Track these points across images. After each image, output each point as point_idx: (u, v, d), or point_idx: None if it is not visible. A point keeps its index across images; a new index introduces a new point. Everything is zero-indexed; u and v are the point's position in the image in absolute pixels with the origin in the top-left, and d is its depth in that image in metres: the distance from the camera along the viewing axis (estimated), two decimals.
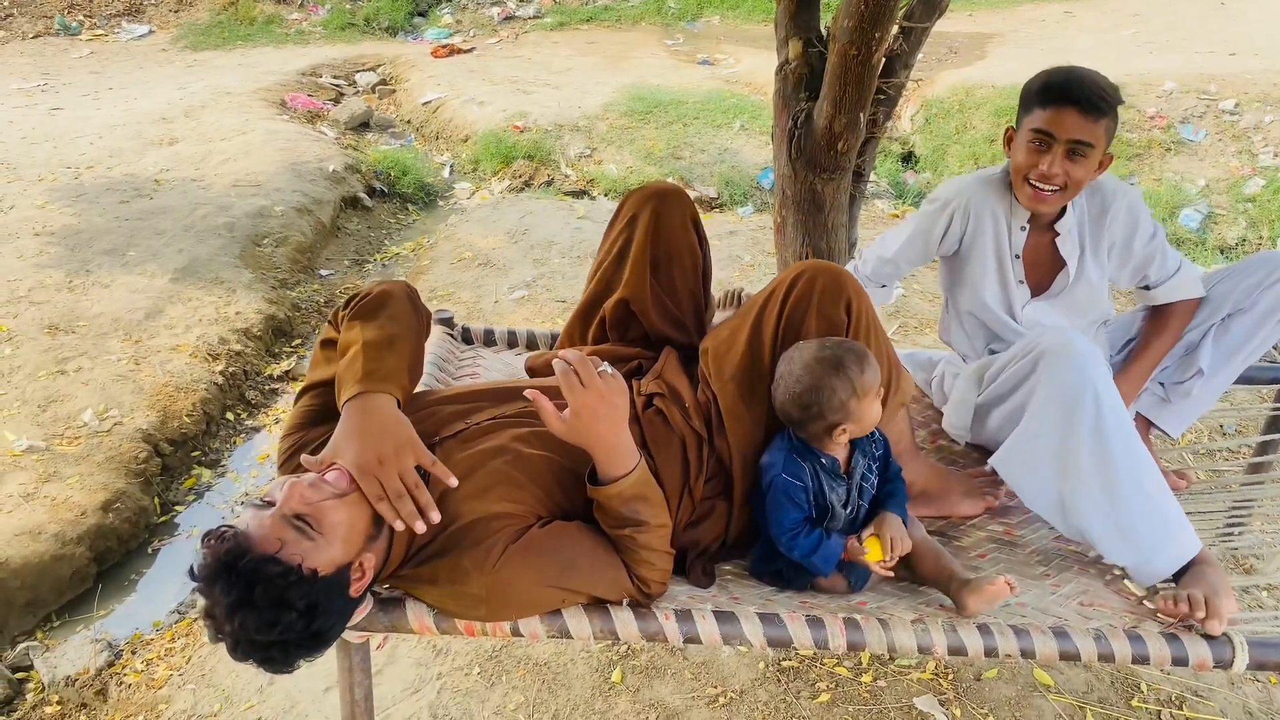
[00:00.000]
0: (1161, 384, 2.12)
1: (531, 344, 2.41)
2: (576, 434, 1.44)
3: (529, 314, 4.17)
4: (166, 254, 4.59)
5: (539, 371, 1.96)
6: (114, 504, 3.05)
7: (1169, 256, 2.06)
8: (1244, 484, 2.31)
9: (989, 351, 2.17)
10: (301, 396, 1.67)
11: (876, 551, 1.58)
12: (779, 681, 2.28)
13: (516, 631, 1.49)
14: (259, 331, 4.18)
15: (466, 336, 2.43)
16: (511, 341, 2.42)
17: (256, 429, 3.72)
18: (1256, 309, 2.00)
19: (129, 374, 3.63)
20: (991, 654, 1.52)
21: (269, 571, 1.27)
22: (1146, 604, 1.69)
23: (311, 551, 1.32)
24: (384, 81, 8.26)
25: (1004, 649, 1.52)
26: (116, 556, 3.01)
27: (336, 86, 8.07)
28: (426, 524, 1.41)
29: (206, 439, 3.58)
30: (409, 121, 7.47)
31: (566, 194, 5.89)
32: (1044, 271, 2.08)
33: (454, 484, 1.45)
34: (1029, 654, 1.52)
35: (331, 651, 1.48)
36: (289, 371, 4.08)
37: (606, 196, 5.85)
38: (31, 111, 6.96)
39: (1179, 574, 1.66)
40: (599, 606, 1.52)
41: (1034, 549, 1.88)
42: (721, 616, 1.52)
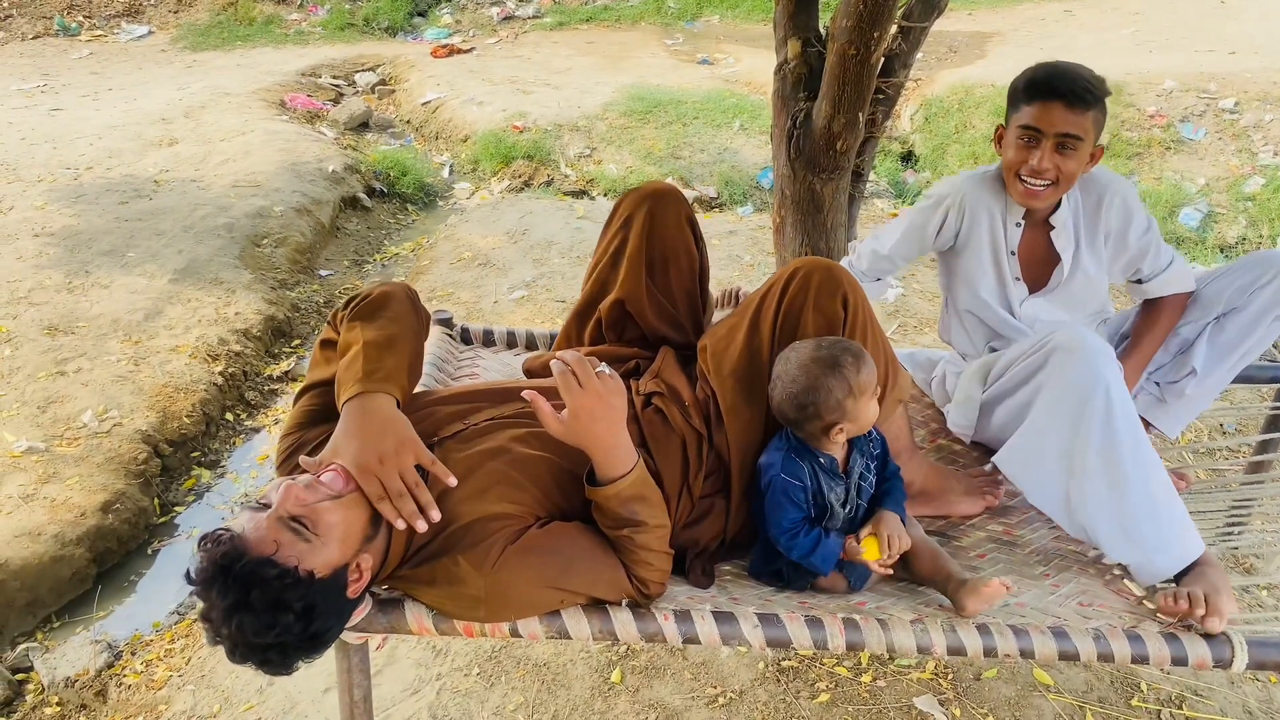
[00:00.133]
0: (1157, 384, 2.12)
1: (531, 344, 2.41)
2: (574, 435, 1.44)
3: (528, 314, 4.17)
4: (166, 255, 4.59)
5: (536, 373, 1.95)
6: (113, 505, 3.05)
7: (1162, 250, 2.07)
8: (1244, 483, 2.31)
9: (989, 349, 2.17)
10: (301, 397, 1.67)
11: (874, 550, 1.58)
12: (779, 681, 2.28)
13: (515, 632, 1.49)
14: (258, 332, 4.18)
15: (465, 337, 2.43)
16: (511, 342, 2.42)
17: (256, 430, 3.72)
18: (1251, 308, 2.00)
19: (128, 375, 3.63)
20: (991, 654, 1.52)
21: (265, 574, 1.27)
22: (1146, 604, 1.68)
23: (308, 553, 1.31)
24: (383, 82, 8.26)
25: (1003, 649, 1.52)
26: (116, 557, 3.01)
27: (336, 87, 8.08)
28: (427, 522, 1.42)
29: (206, 440, 3.58)
30: (408, 122, 7.47)
31: (566, 194, 5.89)
32: (1040, 267, 2.08)
33: (453, 483, 1.46)
34: (1028, 654, 1.52)
35: (330, 652, 1.48)
36: (288, 372, 4.08)
37: (606, 196, 5.84)
38: (31, 112, 6.97)
39: (1179, 575, 1.66)
40: (598, 607, 1.52)
41: (1033, 549, 1.88)
42: (720, 617, 1.52)
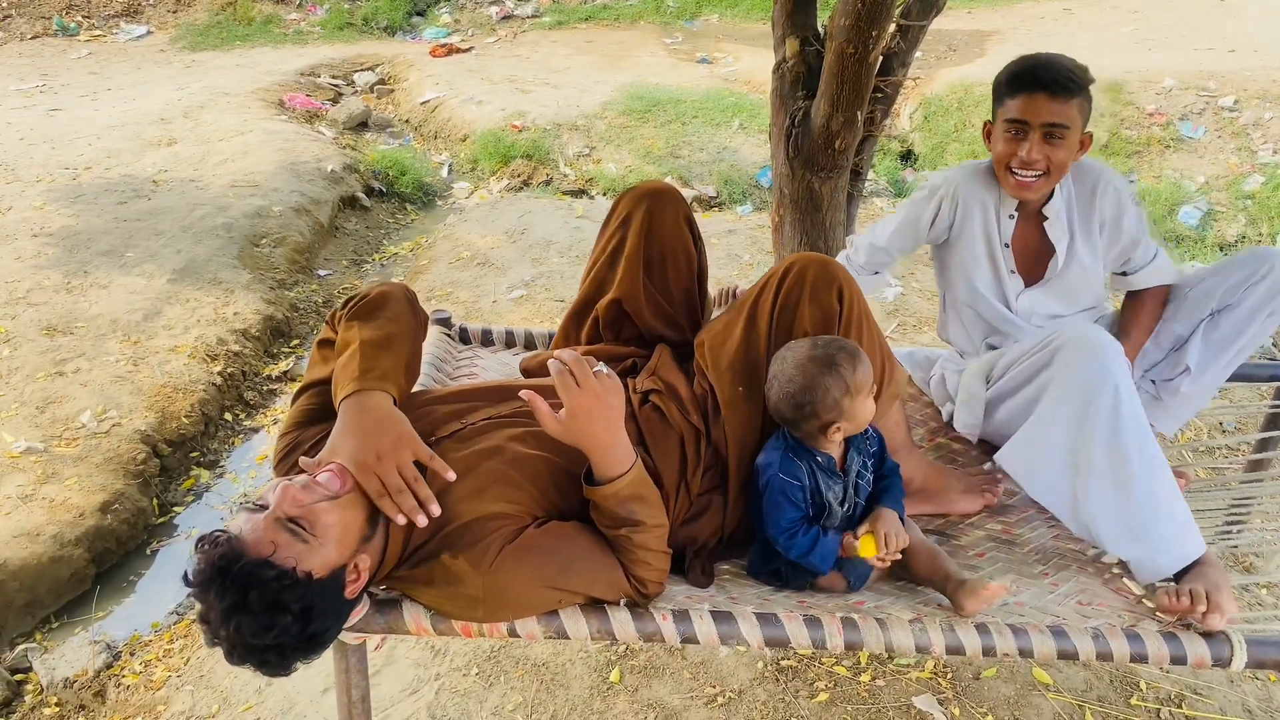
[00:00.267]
0: (1153, 382, 2.12)
1: (529, 344, 2.40)
2: (572, 434, 1.44)
3: (527, 313, 4.17)
4: (165, 255, 4.59)
5: (534, 372, 1.95)
6: (112, 505, 3.05)
7: (1149, 241, 2.10)
8: (1243, 481, 2.31)
9: (986, 346, 2.17)
10: (299, 396, 1.67)
11: (871, 548, 1.58)
12: (777, 681, 2.28)
13: (513, 632, 1.49)
14: (257, 332, 4.17)
15: (464, 336, 2.43)
16: (509, 341, 2.42)
17: (255, 430, 3.71)
18: (1244, 305, 2.00)
19: (127, 375, 3.62)
20: (990, 653, 1.52)
21: (263, 575, 1.27)
22: (1145, 602, 1.68)
23: (305, 554, 1.31)
24: (382, 81, 8.26)
25: (1002, 648, 1.51)
26: (115, 558, 3.01)
27: (335, 86, 8.07)
28: (428, 517, 1.41)
29: (205, 440, 3.58)
30: (407, 121, 7.46)
31: (565, 193, 5.89)
32: (1035, 259, 2.09)
33: (452, 477, 1.45)
34: (1027, 653, 1.52)
35: (328, 653, 1.48)
36: (287, 372, 4.08)
37: (605, 195, 5.84)
38: (30, 112, 6.96)
39: (1179, 574, 1.66)
40: (596, 607, 1.52)
41: (1032, 548, 1.88)
42: (719, 616, 1.52)
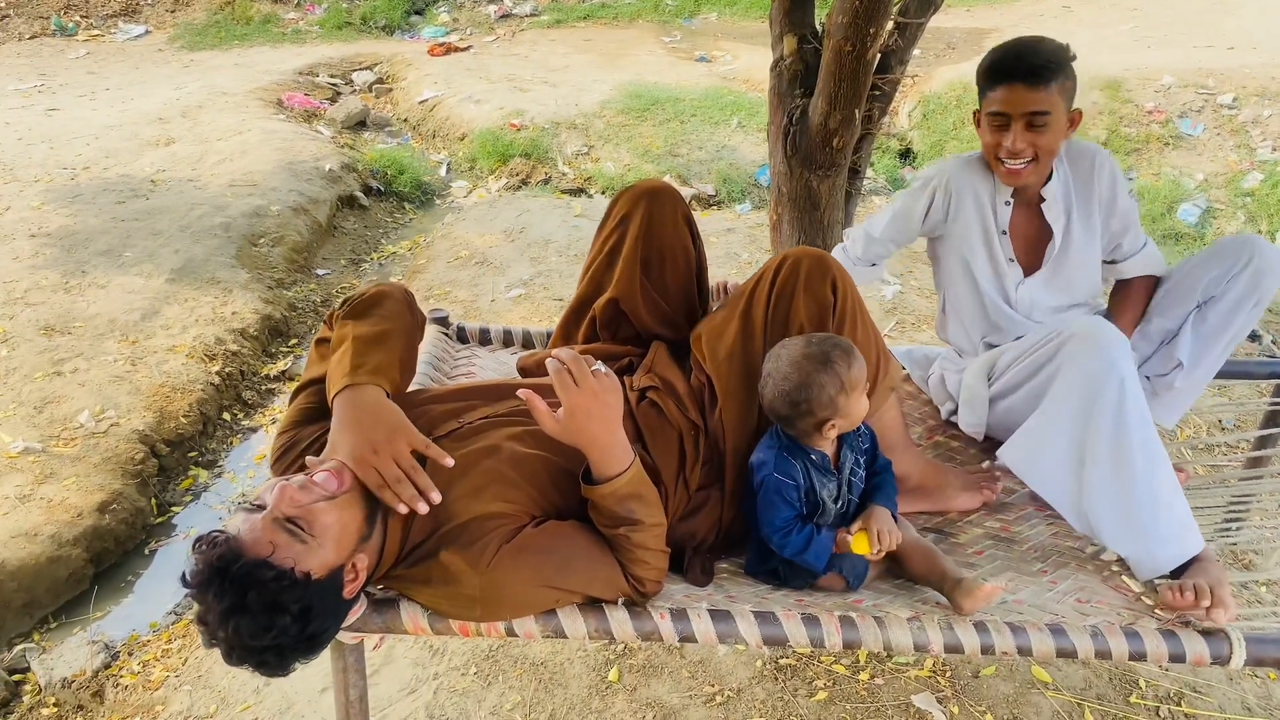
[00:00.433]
0: (1147, 377, 2.12)
1: (527, 343, 2.40)
2: (570, 433, 1.43)
3: (526, 312, 4.16)
4: (163, 254, 4.58)
5: (530, 371, 1.95)
6: (110, 505, 3.04)
7: (1139, 229, 2.11)
8: (1242, 479, 2.30)
9: (985, 345, 2.16)
10: (297, 395, 1.67)
11: (864, 544, 1.58)
12: (776, 679, 2.28)
13: (511, 631, 1.49)
14: (255, 331, 4.17)
15: (462, 335, 2.42)
16: (507, 340, 2.41)
17: (253, 429, 3.71)
18: (1229, 296, 2.00)
19: (125, 375, 3.62)
20: (988, 651, 1.52)
21: (262, 576, 1.26)
22: (1144, 600, 1.68)
23: (304, 555, 1.31)
24: (381, 80, 8.25)
25: (1001, 646, 1.51)
26: (113, 558, 3.00)
27: (333, 85, 8.06)
28: (428, 504, 1.41)
29: (203, 439, 3.57)
30: (406, 120, 7.45)
31: (564, 192, 5.88)
32: (1033, 246, 2.09)
33: (450, 463, 1.46)
34: (1026, 651, 1.52)
35: (327, 652, 1.48)
36: (285, 371, 4.08)
37: (604, 194, 5.83)
38: (28, 112, 6.95)
39: (1178, 571, 1.66)
40: (594, 606, 1.52)
41: (1031, 545, 1.88)
42: (717, 615, 1.51)
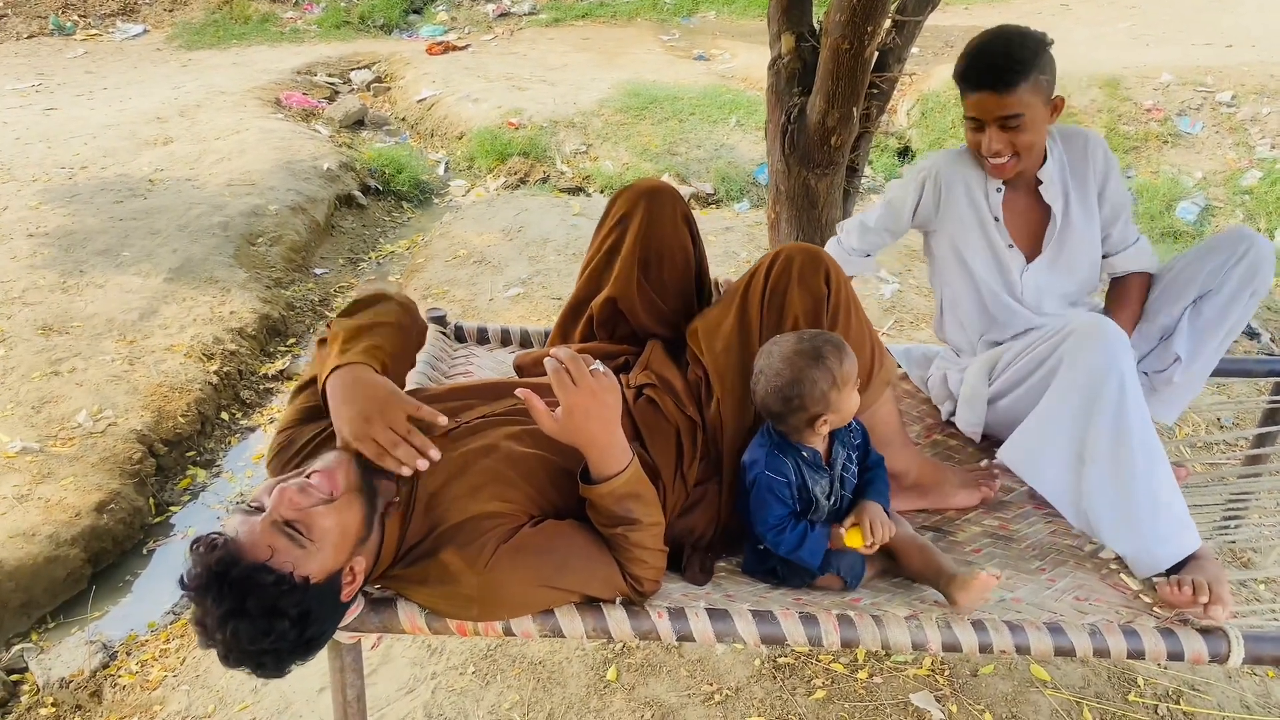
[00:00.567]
0: (1145, 373, 2.12)
1: (525, 342, 2.40)
2: (568, 433, 1.43)
3: (524, 311, 4.16)
4: (161, 254, 4.58)
5: (528, 369, 1.95)
6: (108, 505, 3.04)
7: (1132, 224, 2.10)
8: (1241, 476, 2.31)
9: (983, 342, 2.16)
10: (296, 395, 1.68)
11: (857, 538, 1.58)
12: (774, 678, 2.28)
13: (509, 631, 1.49)
14: (254, 331, 4.16)
15: (459, 334, 2.42)
16: (505, 339, 2.41)
17: (251, 429, 3.71)
18: (1225, 288, 2.00)
19: (123, 374, 3.61)
20: (986, 650, 1.52)
21: (261, 581, 1.26)
22: (1142, 598, 1.68)
23: (303, 559, 1.31)
24: (379, 79, 8.24)
25: (999, 645, 1.51)
26: (111, 557, 3.00)
27: (331, 84, 8.05)
28: (428, 462, 1.44)
29: (201, 439, 3.57)
30: (404, 119, 7.45)
31: (562, 191, 5.88)
32: (1031, 229, 2.08)
33: (444, 422, 1.49)
34: (1024, 650, 1.52)
35: (325, 652, 1.47)
36: (284, 371, 4.07)
37: (602, 193, 5.83)
38: (26, 112, 6.94)
39: (1175, 569, 1.66)
40: (592, 605, 1.52)
41: (1029, 543, 1.87)
42: (715, 614, 1.51)
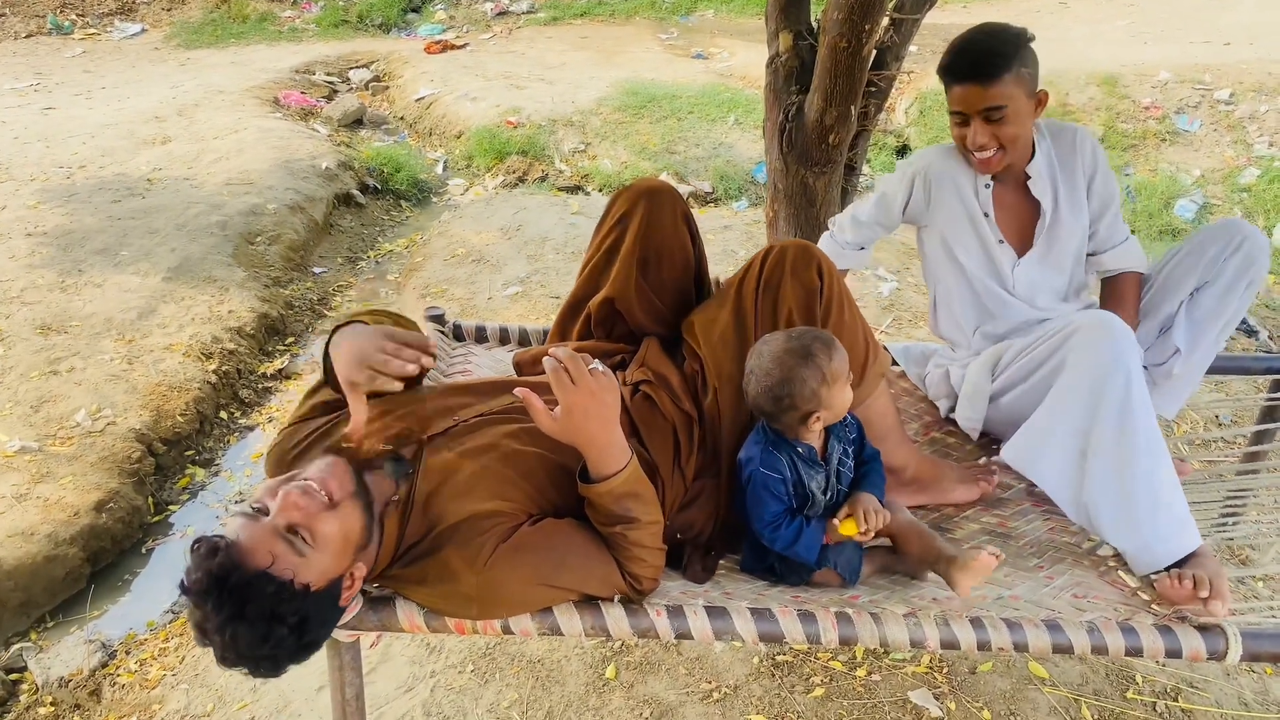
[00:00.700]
0: (1145, 367, 2.12)
1: (524, 340, 2.40)
2: (567, 432, 1.43)
3: (523, 310, 4.16)
4: (159, 253, 4.57)
5: (527, 367, 1.95)
6: (107, 504, 3.04)
7: (1121, 221, 2.10)
8: (1239, 473, 2.31)
9: (978, 334, 2.16)
10: (308, 398, 1.72)
11: (852, 527, 1.58)
12: (773, 676, 2.28)
13: (507, 629, 1.49)
14: (252, 330, 4.16)
15: (458, 333, 2.42)
16: (503, 338, 2.41)
17: (250, 428, 3.70)
18: (1222, 279, 2.00)
19: (122, 374, 3.61)
20: (984, 647, 1.52)
21: (262, 589, 1.27)
22: (1141, 595, 1.68)
23: (304, 566, 1.31)
24: (377, 78, 8.23)
25: (997, 642, 1.51)
26: (110, 557, 3.00)
27: (330, 83, 8.04)
28: (431, 358, 1.54)
29: (200, 438, 3.57)
30: (402, 118, 7.44)
31: (561, 189, 5.88)
32: (1021, 224, 2.09)
33: (435, 346, 1.57)
34: (1022, 647, 1.52)
35: (324, 650, 1.48)
36: (282, 370, 4.07)
37: (601, 192, 5.83)
38: (24, 111, 6.93)
39: (1174, 568, 1.66)
40: (590, 603, 1.52)
41: (1028, 541, 1.88)
42: (713, 612, 1.51)
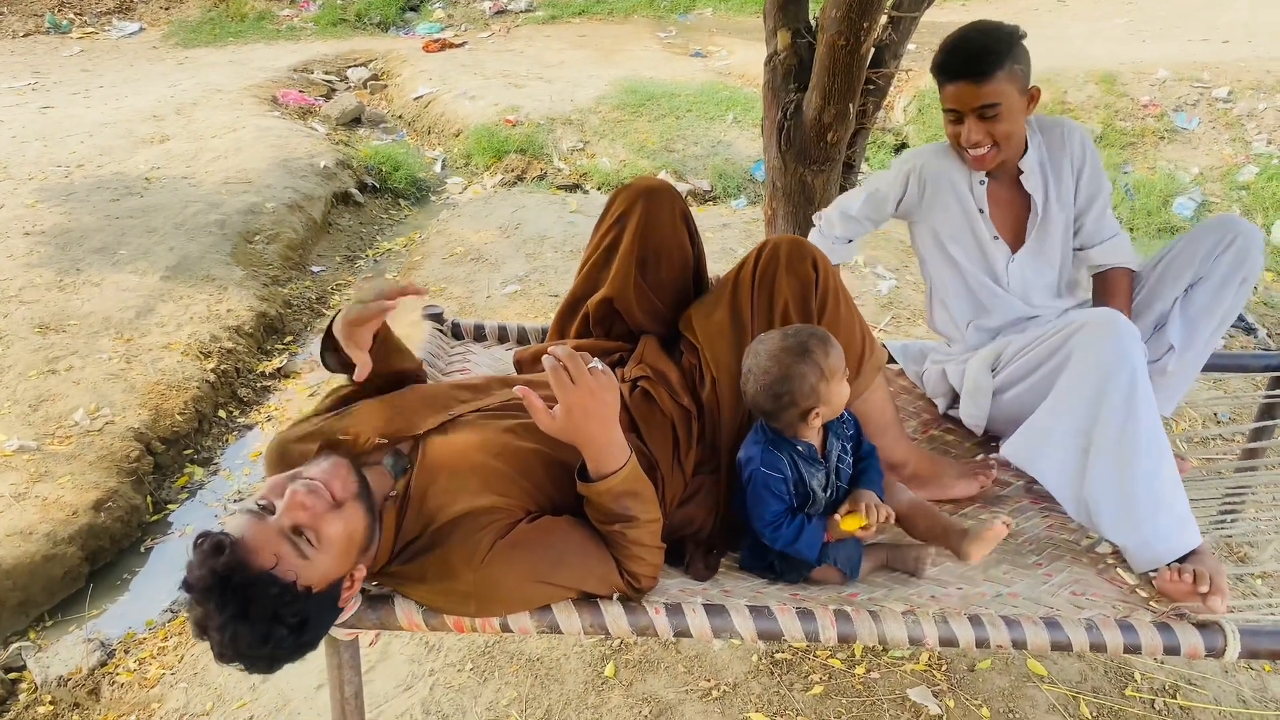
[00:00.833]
0: None
1: (522, 339, 2.40)
2: (567, 431, 1.43)
3: (522, 309, 4.16)
4: (157, 252, 4.57)
5: (527, 365, 1.95)
6: (106, 503, 3.03)
7: (1109, 215, 2.10)
8: (1238, 471, 2.31)
9: (972, 328, 2.16)
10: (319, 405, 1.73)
11: (854, 522, 1.58)
12: (772, 674, 2.28)
13: (506, 627, 1.49)
14: (251, 329, 4.16)
15: (456, 332, 2.42)
16: (502, 336, 2.41)
17: (249, 427, 3.70)
18: (1216, 275, 2.00)
19: (120, 373, 3.61)
20: (983, 645, 1.52)
21: (264, 590, 1.27)
22: (1139, 592, 1.69)
23: (306, 568, 1.31)
24: (375, 77, 8.23)
25: (995, 640, 1.51)
26: (109, 556, 3.00)
27: (328, 82, 8.04)
28: (417, 294, 1.58)
29: (199, 437, 3.57)
30: (401, 117, 7.44)
31: (559, 188, 5.88)
32: (1015, 219, 2.09)
33: (422, 288, 1.60)
34: (1020, 645, 1.52)
35: (323, 649, 1.48)
36: (281, 369, 4.07)
37: (599, 190, 5.83)
38: (22, 110, 6.92)
39: (1173, 565, 1.66)
40: (589, 601, 1.52)
41: (1026, 538, 1.88)
42: (712, 609, 1.51)
